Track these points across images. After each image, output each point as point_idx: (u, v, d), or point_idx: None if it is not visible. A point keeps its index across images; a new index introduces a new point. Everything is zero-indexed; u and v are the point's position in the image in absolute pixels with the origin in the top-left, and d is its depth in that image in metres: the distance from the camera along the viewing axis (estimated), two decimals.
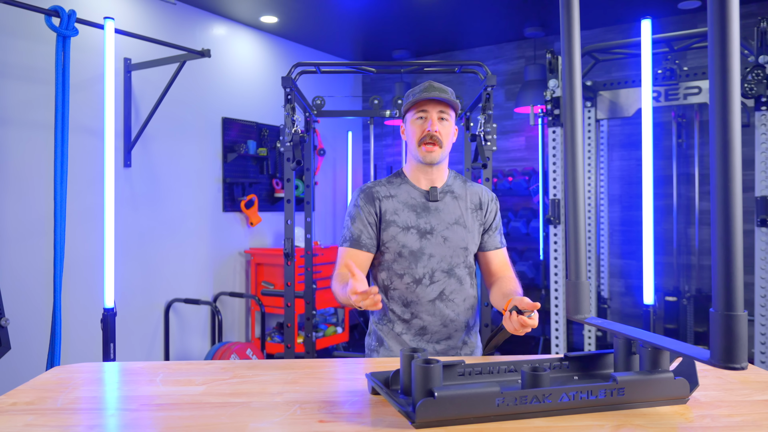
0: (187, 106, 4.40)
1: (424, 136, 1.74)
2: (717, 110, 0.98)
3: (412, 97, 1.78)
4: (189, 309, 4.41)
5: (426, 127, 1.74)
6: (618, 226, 4.99)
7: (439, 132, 1.74)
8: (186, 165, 4.40)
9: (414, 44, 5.62)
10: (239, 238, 4.89)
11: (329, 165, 5.89)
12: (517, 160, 5.48)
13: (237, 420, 1.11)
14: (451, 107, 1.78)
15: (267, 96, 5.16)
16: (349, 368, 1.51)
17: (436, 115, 1.75)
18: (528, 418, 1.10)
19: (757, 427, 1.07)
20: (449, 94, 1.77)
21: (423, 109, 1.76)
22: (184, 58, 3.74)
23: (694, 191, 4.66)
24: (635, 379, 1.16)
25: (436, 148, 1.75)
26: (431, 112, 1.75)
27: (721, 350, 0.99)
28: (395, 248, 1.77)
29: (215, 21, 4.68)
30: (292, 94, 2.96)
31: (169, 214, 4.25)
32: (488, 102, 2.92)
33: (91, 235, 3.66)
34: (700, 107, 4.53)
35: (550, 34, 5.27)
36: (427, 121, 1.75)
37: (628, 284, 4.96)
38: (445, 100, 1.74)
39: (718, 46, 0.98)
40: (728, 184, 0.98)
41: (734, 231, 0.98)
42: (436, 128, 1.74)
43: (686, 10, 4.62)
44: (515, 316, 1.45)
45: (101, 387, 1.39)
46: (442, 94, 1.74)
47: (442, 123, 1.76)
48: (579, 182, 1.40)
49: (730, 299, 0.98)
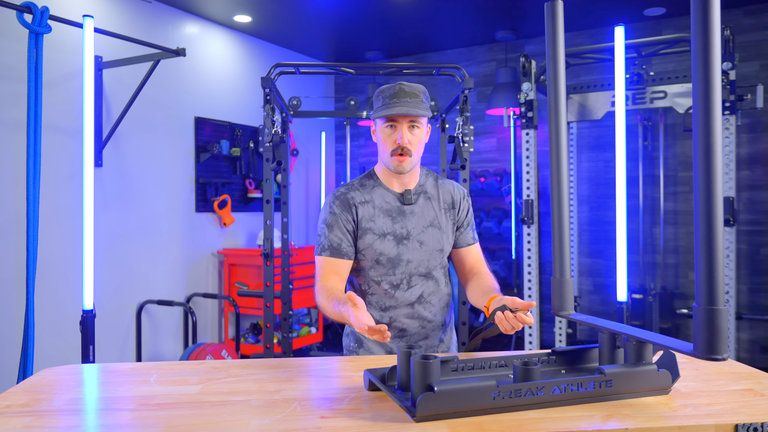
0: (160, 105, 4.35)
1: (395, 148, 1.70)
2: (700, 115, 1.04)
3: (382, 101, 1.71)
4: (162, 310, 4.36)
5: (396, 138, 1.70)
6: (587, 225, 5.12)
7: (409, 142, 1.70)
8: (158, 165, 4.35)
9: (387, 46, 5.66)
10: (212, 239, 4.85)
11: (302, 166, 5.89)
12: (489, 161, 5.57)
13: (239, 417, 1.12)
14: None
15: (240, 96, 5.13)
16: (341, 366, 1.54)
17: (406, 125, 1.70)
18: (522, 410, 1.15)
19: (736, 414, 1.13)
20: (421, 97, 1.70)
21: (393, 119, 1.70)
22: (158, 56, 3.70)
23: (659, 192, 4.81)
24: (622, 372, 1.22)
25: (407, 159, 1.71)
26: (402, 122, 1.70)
27: (704, 342, 1.05)
28: (372, 256, 1.75)
29: (188, 20, 4.64)
30: (271, 94, 2.97)
31: (141, 215, 4.20)
32: (465, 104, 2.98)
33: (63, 236, 3.59)
34: (665, 111, 4.68)
35: (521, 37, 5.37)
36: (397, 131, 1.70)
37: (597, 282, 5.09)
38: (415, 115, 1.68)
39: (701, 53, 1.04)
40: (710, 186, 1.04)
41: (716, 230, 1.04)
42: (406, 140, 1.69)
43: (651, 16, 4.77)
44: (510, 315, 1.46)
45: (95, 388, 1.39)
46: (412, 107, 1.67)
47: (413, 131, 1.71)
48: (563, 184, 1.46)
49: (713, 294, 1.04)
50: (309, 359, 1.58)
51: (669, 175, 4.81)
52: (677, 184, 4.80)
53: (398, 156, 1.72)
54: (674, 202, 4.82)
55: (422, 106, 1.70)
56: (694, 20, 1.04)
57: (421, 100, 1.71)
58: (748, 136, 4.53)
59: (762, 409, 1.16)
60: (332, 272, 1.72)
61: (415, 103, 1.68)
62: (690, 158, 4.73)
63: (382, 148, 1.76)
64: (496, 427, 1.07)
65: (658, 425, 1.08)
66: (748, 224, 4.54)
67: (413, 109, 1.67)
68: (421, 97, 1.71)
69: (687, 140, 4.73)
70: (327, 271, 1.73)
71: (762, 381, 1.35)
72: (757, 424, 1.08)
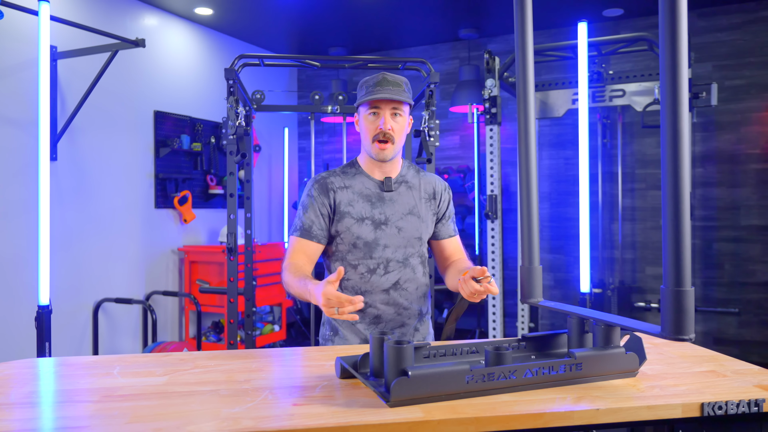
0: (118, 98, 4.23)
1: (377, 134, 1.74)
2: (667, 112, 1.06)
3: (366, 90, 1.76)
4: (120, 309, 4.24)
5: (378, 124, 1.74)
6: (547, 222, 5.20)
7: (392, 129, 1.74)
8: (116, 159, 4.22)
9: (350, 42, 5.64)
10: (172, 236, 4.75)
11: (265, 161, 5.81)
12: (453, 158, 5.60)
13: (208, 407, 1.09)
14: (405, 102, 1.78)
15: (202, 90, 5.03)
16: (311, 355, 1.52)
17: (389, 112, 1.74)
18: (495, 394, 1.15)
19: (701, 393, 1.16)
20: (403, 86, 1.75)
21: (376, 106, 1.74)
22: (116, 47, 3.60)
23: (617, 189, 4.92)
24: (591, 355, 1.23)
25: (389, 146, 1.75)
26: (384, 109, 1.74)
27: (672, 323, 1.08)
28: (349, 239, 1.77)
29: (147, 11, 4.52)
30: (235, 86, 2.92)
31: (98, 210, 4.07)
32: (431, 98, 2.99)
33: (17, 231, 3.45)
34: (623, 109, 4.80)
35: (483, 36, 5.43)
36: (380, 118, 1.74)
37: (557, 278, 5.18)
38: (398, 99, 1.72)
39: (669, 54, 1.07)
40: (677, 177, 1.06)
41: (682, 216, 1.07)
42: (389, 126, 1.73)
43: (610, 17, 4.88)
44: (463, 278, 1.52)
45: (53, 381, 1.33)
46: (395, 95, 1.71)
47: (396, 119, 1.75)
48: (532, 173, 1.47)
49: (680, 276, 1.06)
50: (279, 349, 1.56)
51: (627, 173, 4.93)
52: (635, 181, 4.93)
53: (380, 143, 1.75)
54: (632, 199, 4.94)
55: (405, 94, 1.75)
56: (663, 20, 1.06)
57: (404, 90, 1.75)
58: (702, 134, 4.68)
59: (725, 388, 1.19)
60: (301, 252, 1.76)
61: (397, 91, 1.73)
62: (647, 156, 4.86)
63: (364, 136, 1.79)
64: (469, 411, 1.07)
65: (627, 405, 1.10)
66: (702, 220, 4.69)
67: (396, 95, 1.72)
68: (404, 87, 1.76)
69: (644, 138, 4.86)
70: (296, 250, 1.77)
71: (723, 363, 1.39)
72: (722, 403, 1.11)
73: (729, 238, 4.63)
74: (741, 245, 4.59)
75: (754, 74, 4.54)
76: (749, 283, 4.56)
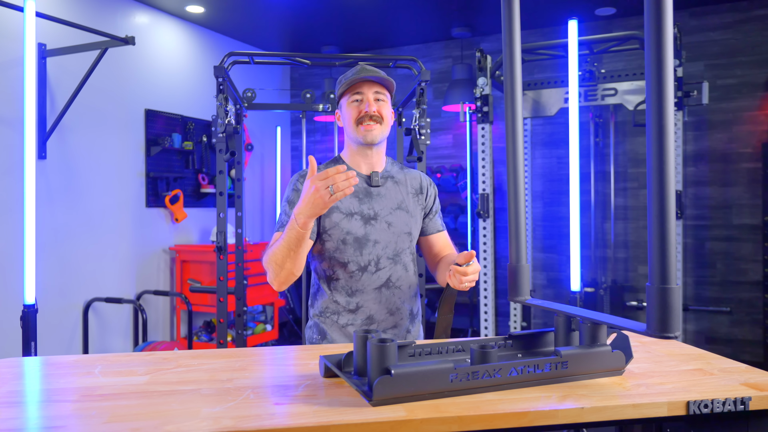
0: (108, 96, 4.20)
1: (362, 116, 1.71)
2: (653, 111, 1.05)
3: (345, 81, 1.75)
4: (110, 308, 4.21)
5: (363, 108, 1.71)
6: (540, 221, 5.20)
7: (377, 111, 1.72)
8: (106, 158, 4.20)
9: (343, 40, 5.62)
10: (163, 235, 4.72)
11: (257, 160, 5.79)
12: (445, 157, 5.60)
13: (188, 406, 1.08)
14: (387, 88, 1.76)
15: (193, 88, 5.01)
16: (297, 355, 1.50)
17: (372, 96, 1.72)
18: (480, 393, 1.14)
19: (687, 391, 1.15)
20: (382, 74, 1.74)
21: (358, 92, 1.73)
22: (106, 45, 3.57)
23: (609, 188, 4.93)
24: (577, 353, 1.22)
25: (376, 125, 1.72)
26: (367, 93, 1.72)
27: (657, 321, 1.07)
28: (338, 235, 1.72)
29: (138, 8, 4.50)
30: (225, 84, 2.90)
31: (88, 209, 4.05)
32: (422, 97, 2.98)
33: (4, 230, 3.42)
34: (616, 108, 4.80)
35: (476, 34, 5.42)
36: (364, 102, 1.72)
37: (550, 277, 5.18)
38: (379, 79, 1.72)
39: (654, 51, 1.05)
40: (663, 176, 1.05)
41: (668, 214, 1.06)
42: (374, 108, 1.71)
43: (603, 16, 4.88)
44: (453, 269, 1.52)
45: (32, 381, 1.31)
46: (377, 74, 1.72)
47: (379, 103, 1.73)
48: (519, 171, 1.46)
49: (665, 273, 1.05)
50: (263, 348, 1.54)
51: (619, 172, 4.94)
52: (627, 180, 4.93)
53: (366, 124, 1.72)
54: (624, 198, 4.94)
55: (385, 77, 1.74)
56: (648, 17, 1.05)
57: (384, 76, 1.74)
58: (694, 133, 4.69)
59: (711, 386, 1.18)
60: None
61: (379, 75, 1.72)
62: (639, 155, 4.87)
63: (348, 124, 1.76)
64: (453, 410, 1.06)
65: (613, 404, 1.09)
66: (693, 219, 4.70)
67: (378, 74, 1.72)
68: (383, 75, 1.74)
69: (636, 137, 4.86)
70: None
71: (711, 361, 1.38)
72: (708, 401, 1.10)
73: (721, 237, 4.64)
74: (733, 244, 4.60)
75: (746, 73, 4.55)
76: (741, 281, 4.57)
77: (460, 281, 1.52)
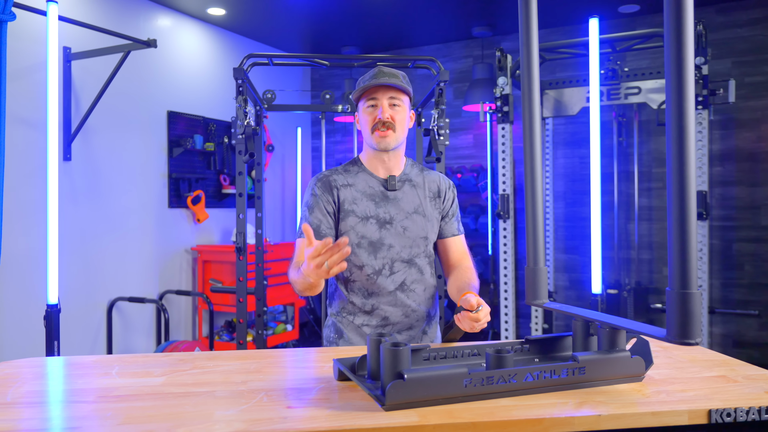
0: (131, 98, 4.26)
1: (375, 123, 1.72)
2: (673, 110, 1.03)
3: (362, 84, 1.75)
4: (133, 308, 4.27)
5: (377, 114, 1.72)
6: (562, 222, 5.14)
7: (391, 117, 1.72)
8: (129, 159, 4.25)
9: (363, 41, 5.62)
10: (186, 235, 4.77)
11: (278, 161, 5.82)
12: (466, 157, 5.56)
13: (201, 409, 1.08)
14: (403, 92, 1.75)
15: (215, 90, 5.05)
16: (312, 357, 1.50)
17: (386, 101, 1.72)
18: (495, 398, 1.12)
19: (709, 399, 1.12)
20: (400, 78, 1.74)
21: (373, 97, 1.73)
22: (129, 48, 3.62)
23: (633, 188, 4.84)
24: (595, 359, 1.20)
25: (390, 132, 1.72)
26: (381, 99, 1.72)
27: (677, 326, 1.04)
28: (354, 239, 1.73)
29: (160, 12, 4.55)
30: (244, 86, 2.91)
31: (112, 210, 4.10)
32: (441, 97, 2.96)
33: (29, 231, 3.49)
34: (640, 107, 4.72)
35: (497, 34, 5.38)
36: (378, 108, 1.72)
37: (572, 278, 5.11)
38: (394, 85, 1.70)
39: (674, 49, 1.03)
40: (683, 177, 1.02)
41: (689, 217, 1.03)
42: (387, 115, 1.71)
43: (626, 13, 4.80)
44: (464, 314, 1.48)
45: (51, 381, 1.33)
46: (392, 80, 1.70)
47: (394, 109, 1.73)
48: (537, 173, 1.44)
49: (686, 278, 1.03)
50: (279, 351, 1.54)
51: (643, 172, 4.85)
52: (651, 180, 4.84)
53: (380, 131, 1.72)
54: (648, 198, 4.86)
55: (400, 82, 1.72)
56: (668, 14, 1.02)
57: (400, 80, 1.73)
58: (721, 132, 4.59)
59: (735, 395, 1.15)
60: None
61: (393, 80, 1.71)
62: (664, 155, 4.78)
63: (364, 129, 1.77)
64: (467, 415, 1.04)
65: (631, 411, 1.07)
66: (720, 220, 4.60)
67: (393, 79, 1.71)
68: (400, 78, 1.74)
69: (660, 136, 4.78)
70: (303, 250, 1.68)
71: (735, 368, 1.35)
72: (730, 410, 1.07)
73: (749, 239, 4.53)
74: (761, 245, 4.49)
75: None
76: None
77: (471, 327, 1.49)
